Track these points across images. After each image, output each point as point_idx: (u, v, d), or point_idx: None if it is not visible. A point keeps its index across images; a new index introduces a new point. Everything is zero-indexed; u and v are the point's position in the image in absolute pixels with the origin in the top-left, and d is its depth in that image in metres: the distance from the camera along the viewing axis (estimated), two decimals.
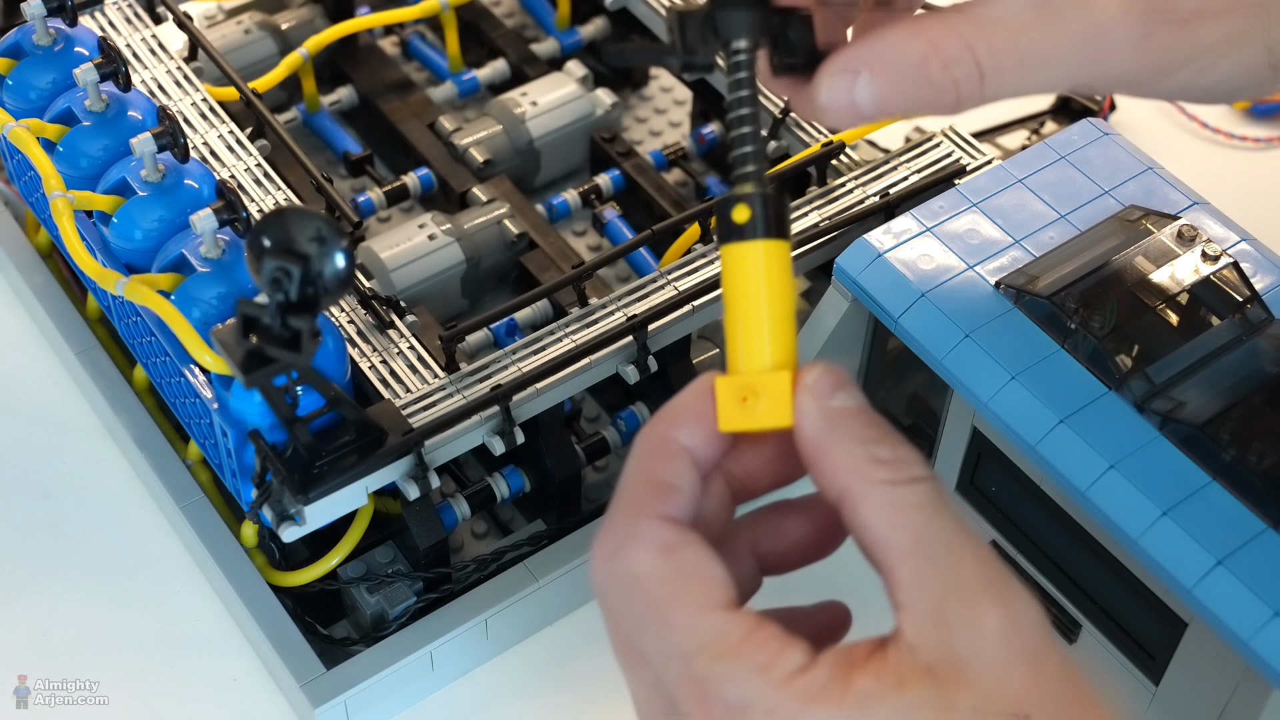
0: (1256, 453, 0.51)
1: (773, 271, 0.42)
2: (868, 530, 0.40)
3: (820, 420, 0.41)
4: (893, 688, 0.37)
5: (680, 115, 0.82)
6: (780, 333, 0.43)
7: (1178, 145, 0.83)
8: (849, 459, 0.40)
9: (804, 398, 0.41)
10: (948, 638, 0.38)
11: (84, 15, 0.71)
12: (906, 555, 0.39)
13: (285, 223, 0.48)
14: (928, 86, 0.45)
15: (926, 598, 0.39)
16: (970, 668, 0.38)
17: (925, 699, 0.37)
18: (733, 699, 0.38)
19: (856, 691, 0.38)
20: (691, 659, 0.39)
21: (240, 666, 0.62)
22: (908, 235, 0.59)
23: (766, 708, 0.38)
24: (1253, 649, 0.48)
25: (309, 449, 0.54)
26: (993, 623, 0.38)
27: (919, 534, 0.39)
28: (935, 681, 0.38)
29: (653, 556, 0.40)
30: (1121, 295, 0.56)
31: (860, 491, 0.40)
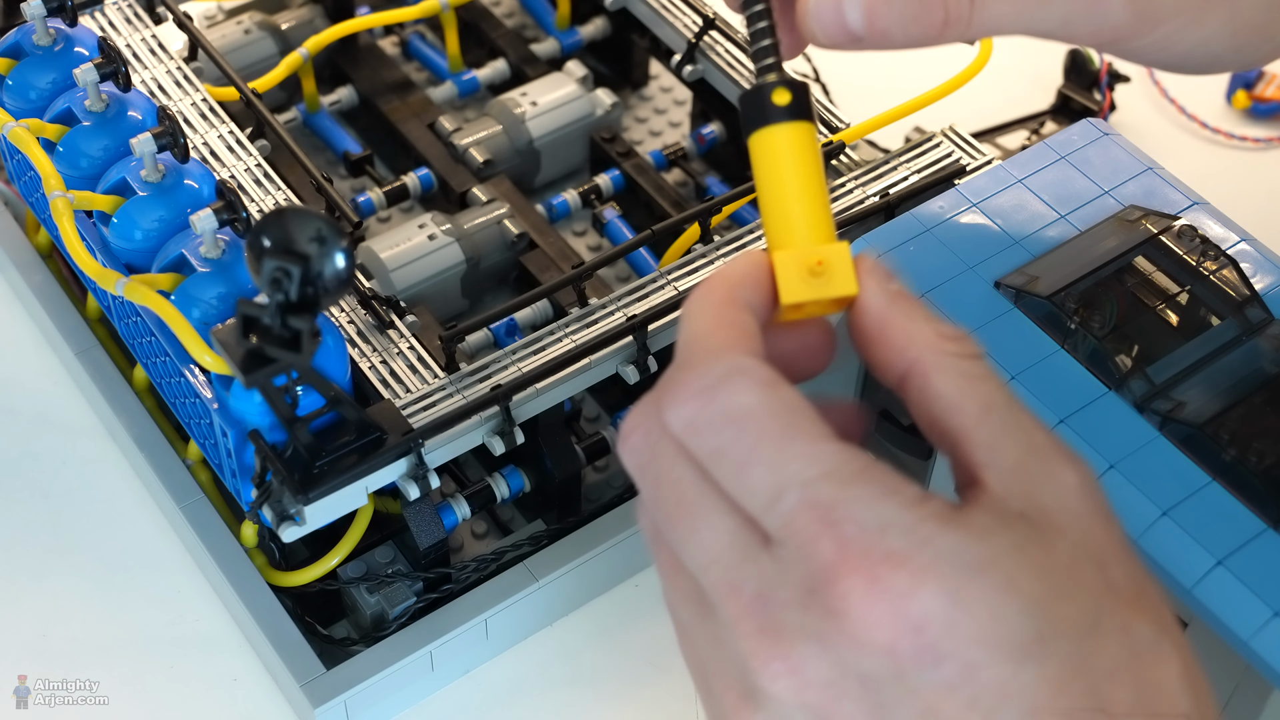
0: (1256, 453, 0.51)
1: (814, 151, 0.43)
2: (940, 398, 0.41)
3: (886, 298, 0.42)
4: (1006, 525, 0.38)
5: (680, 115, 0.82)
6: (828, 211, 0.43)
7: (1178, 145, 0.83)
8: (919, 333, 0.42)
9: (867, 278, 0.42)
10: (1033, 490, 0.40)
11: (84, 15, 0.71)
12: (982, 419, 0.40)
13: (285, 223, 0.48)
14: (917, 3, 0.45)
15: (1008, 455, 0.40)
16: (1057, 517, 0.39)
17: (1032, 537, 0.38)
18: (868, 520, 0.38)
19: (978, 522, 0.38)
20: (816, 484, 0.38)
21: (240, 666, 0.62)
22: (908, 235, 0.59)
23: (905, 527, 0.37)
24: (1253, 649, 0.48)
25: (309, 449, 0.54)
26: (1071, 478, 0.40)
27: (989, 401, 0.41)
28: (1033, 526, 0.39)
29: (760, 389, 0.39)
30: (1121, 295, 0.56)
31: (932, 362, 0.41)
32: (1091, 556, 0.39)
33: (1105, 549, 0.40)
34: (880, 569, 0.37)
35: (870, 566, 0.37)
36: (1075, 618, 0.38)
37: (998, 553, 0.37)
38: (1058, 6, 0.46)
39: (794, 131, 0.43)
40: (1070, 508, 0.40)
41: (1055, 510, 0.39)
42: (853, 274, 0.43)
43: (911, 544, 0.37)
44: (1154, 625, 0.39)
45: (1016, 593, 0.37)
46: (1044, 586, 0.37)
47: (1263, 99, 0.84)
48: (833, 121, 0.70)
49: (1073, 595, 0.38)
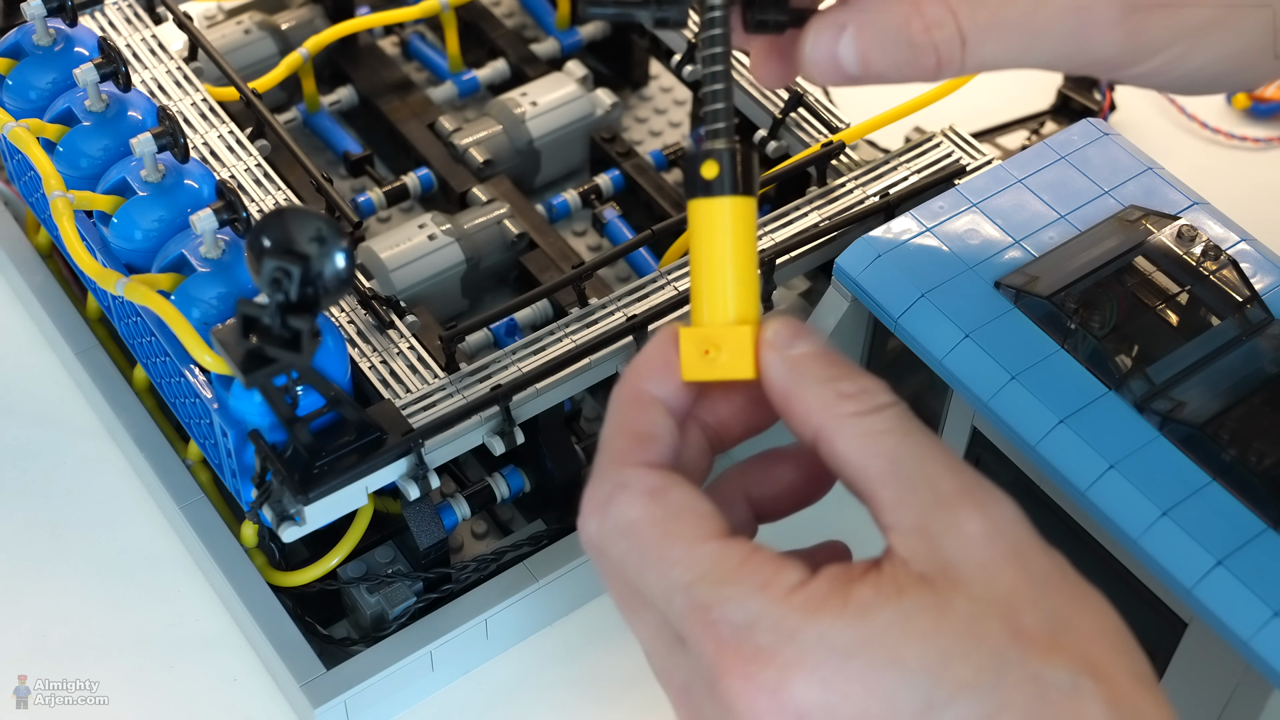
0: (1256, 453, 0.51)
1: (738, 227, 0.43)
2: (845, 463, 0.41)
3: (784, 368, 0.43)
4: (892, 595, 0.39)
5: (680, 115, 0.82)
6: (743, 287, 0.43)
7: (1178, 145, 0.83)
8: (817, 399, 0.42)
9: (766, 351, 0.43)
10: (935, 547, 0.39)
11: (84, 15, 0.71)
12: (885, 479, 0.40)
13: (285, 223, 0.48)
14: (909, 48, 0.46)
15: (910, 514, 0.40)
16: (960, 571, 0.39)
17: (923, 603, 0.38)
18: (737, 619, 0.39)
19: (857, 600, 0.39)
20: (693, 588, 0.40)
21: (240, 666, 0.62)
22: (908, 235, 0.59)
23: (771, 622, 0.39)
24: (1253, 649, 0.48)
25: (309, 449, 0.54)
26: (975, 526, 0.39)
27: (893, 457, 0.41)
28: (930, 588, 0.39)
29: (642, 501, 0.41)
30: (1121, 295, 0.56)
31: (832, 427, 0.41)
32: (997, 606, 0.39)
33: (1014, 595, 0.39)
34: (751, 666, 0.39)
35: (744, 664, 0.39)
36: (971, 678, 0.38)
37: (875, 630, 0.38)
38: (1048, 43, 0.46)
39: (720, 206, 0.43)
40: (973, 558, 0.39)
41: (958, 564, 0.39)
42: (749, 357, 0.43)
43: (778, 638, 0.39)
44: (1071, 665, 0.38)
45: (897, 667, 0.38)
46: (931, 653, 0.38)
47: (1263, 99, 0.84)
48: (833, 121, 0.69)
49: (968, 655, 0.38)
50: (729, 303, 0.43)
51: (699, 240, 0.44)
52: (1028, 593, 0.39)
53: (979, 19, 0.45)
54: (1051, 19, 0.45)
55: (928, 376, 0.58)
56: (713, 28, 0.45)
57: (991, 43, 0.46)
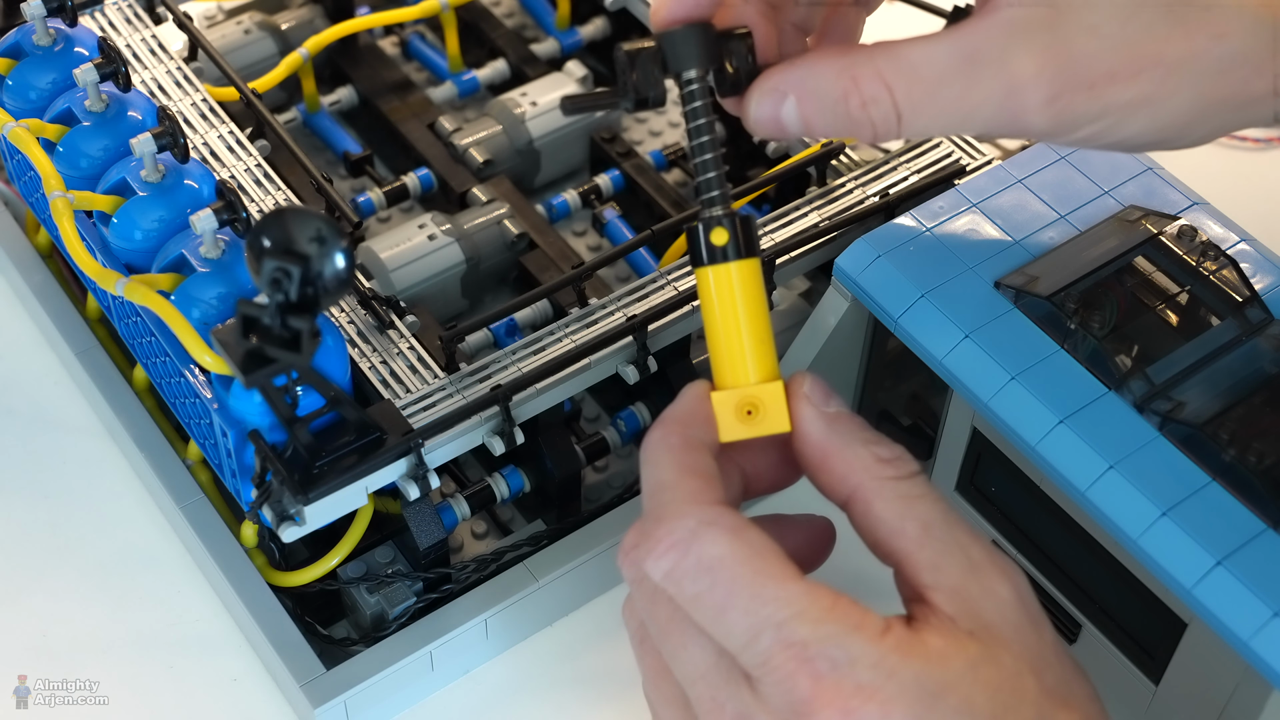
0: (1256, 453, 0.51)
1: (752, 289, 0.46)
2: (881, 524, 0.44)
3: (823, 425, 0.46)
4: (959, 648, 0.42)
5: (680, 115, 0.82)
6: (765, 346, 0.46)
7: None
8: (857, 460, 0.45)
9: (804, 406, 0.46)
10: (976, 608, 0.43)
11: (84, 15, 0.71)
12: (922, 542, 0.44)
13: (285, 223, 0.48)
14: (848, 120, 0.48)
15: (950, 576, 0.44)
16: (1000, 631, 0.43)
17: (984, 657, 0.42)
18: (838, 656, 0.42)
19: (934, 648, 0.42)
20: (790, 625, 0.42)
21: (240, 666, 0.62)
22: (908, 235, 0.59)
23: (872, 661, 0.42)
24: (1253, 649, 0.48)
25: (309, 449, 0.54)
26: (1007, 592, 0.44)
27: (927, 521, 0.44)
28: (982, 644, 0.43)
29: (728, 539, 0.43)
30: (1121, 295, 0.56)
31: (872, 489, 0.45)
32: (1030, 665, 0.43)
33: (1040, 656, 0.43)
34: (853, 701, 0.41)
35: (844, 699, 0.41)
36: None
37: (954, 677, 0.42)
38: (980, 119, 0.48)
39: (730, 272, 0.45)
40: (1009, 620, 0.43)
41: (997, 625, 0.43)
42: (784, 413, 0.46)
43: (879, 676, 0.41)
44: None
45: (970, 712, 0.41)
46: (995, 702, 0.42)
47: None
48: None
49: (1018, 708, 0.42)
50: (755, 363, 0.46)
51: (717, 305, 0.46)
52: (1047, 656, 0.44)
53: (913, 96, 0.47)
54: (983, 100, 0.47)
55: (928, 376, 0.58)
56: (693, 100, 0.48)
57: (925, 118, 0.48)
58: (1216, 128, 0.51)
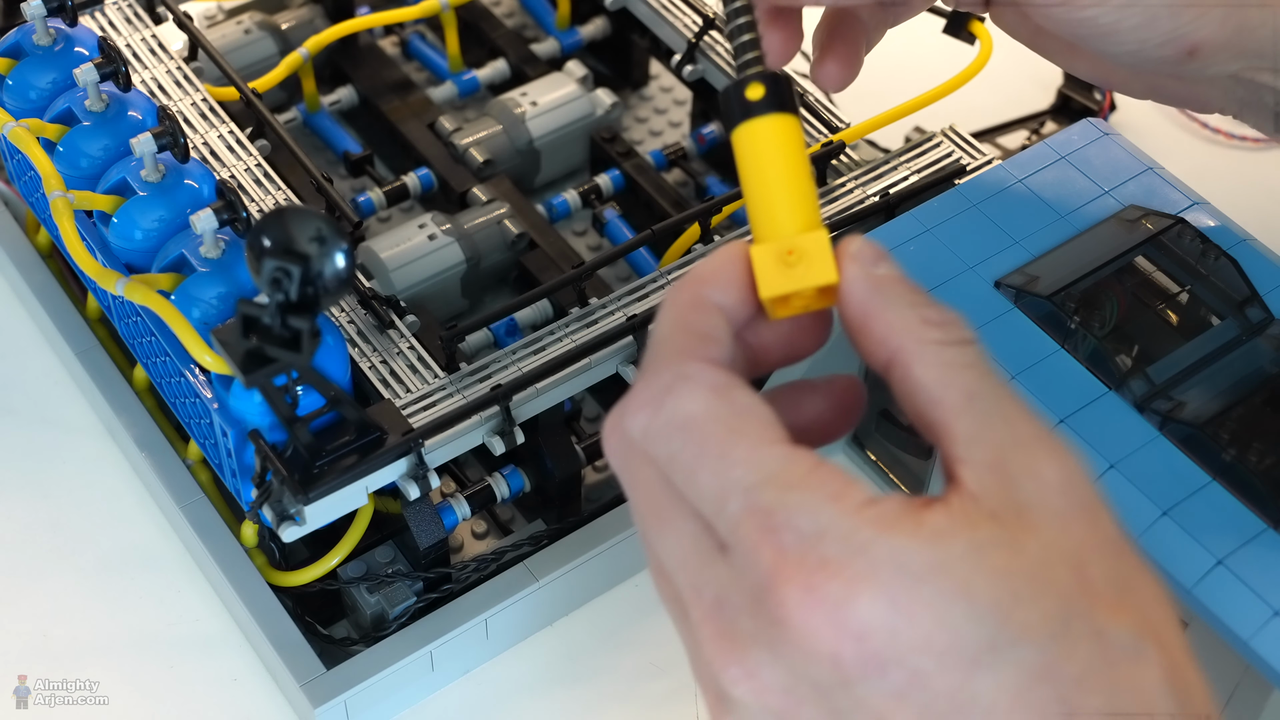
0: (1256, 453, 0.51)
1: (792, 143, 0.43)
2: (921, 389, 0.40)
3: (868, 285, 0.41)
4: (965, 526, 0.37)
5: (680, 115, 0.82)
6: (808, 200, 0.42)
7: (1178, 145, 0.83)
8: (900, 321, 0.40)
9: (850, 264, 0.41)
10: (1010, 487, 0.38)
11: (84, 15, 0.71)
12: (962, 411, 0.39)
13: (285, 223, 0.48)
14: None
15: (986, 450, 0.39)
16: (1033, 516, 0.38)
17: (998, 539, 0.37)
18: (805, 527, 0.37)
19: (931, 525, 0.37)
20: (756, 491, 0.38)
21: (240, 666, 0.62)
22: (908, 235, 0.59)
23: (842, 534, 0.37)
24: (1253, 649, 0.48)
25: (309, 449, 0.54)
26: (1052, 474, 0.39)
27: (972, 391, 0.39)
28: (1002, 526, 0.38)
29: (705, 395, 0.39)
30: (1121, 295, 0.56)
31: (913, 351, 0.40)
32: (1067, 556, 0.38)
33: (1084, 547, 0.38)
34: (815, 577, 0.37)
35: (806, 575, 0.37)
36: (1038, 623, 0.37)
37: (949, 558, 0.37)
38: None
39: (768, 124, 0.43)
40: (1049, 504, 0.38)
41: (1032, 507, 0.38)
42: (831, 261, 0.41)
43: (847, 550, 0.37)
44: (1134, 627, 0.38)
45: (967, 599, 0.36)
46: (1002, 591, 0.37)
47: None
48: (833, 121, 0.69)
49: (1037, 600, 0.37)
50: (799, 214, 0.42)
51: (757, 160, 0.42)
52: (1097, 549, 0.38)
53: None
54: None
55: None
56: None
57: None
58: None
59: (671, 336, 0.41)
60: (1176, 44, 0.55)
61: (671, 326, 0.41)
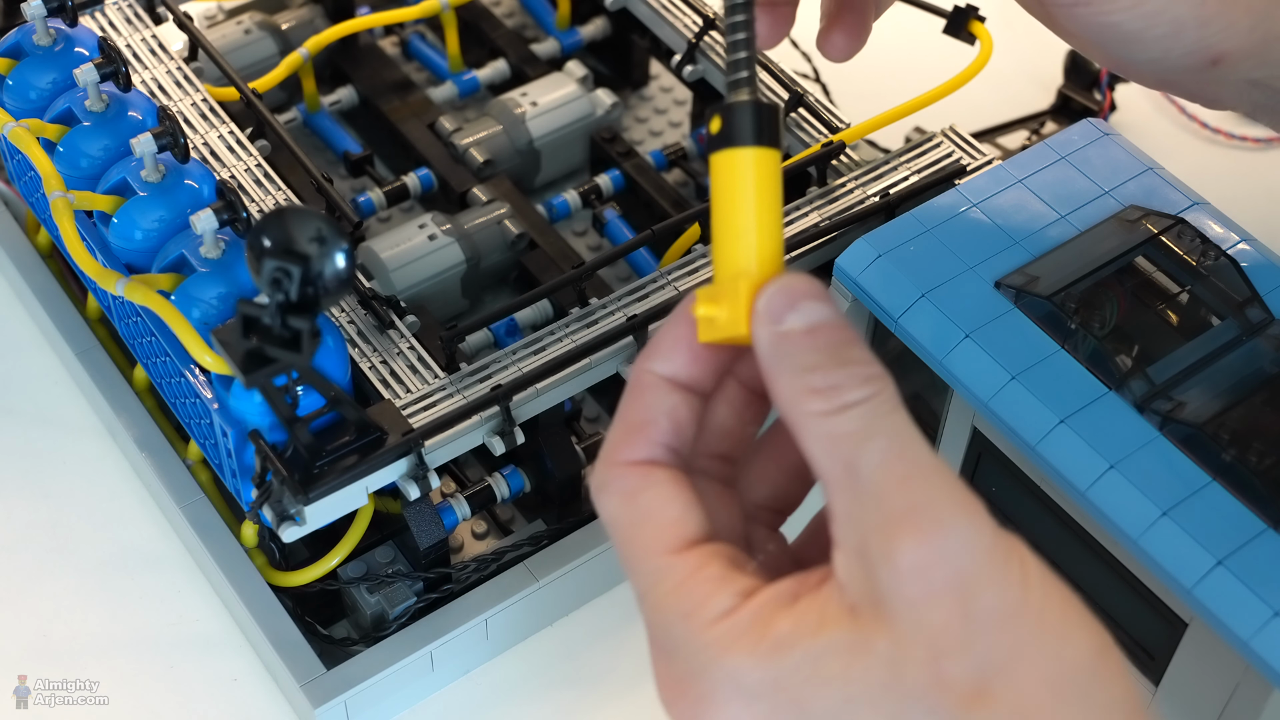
0: (1256, 453, 0.51)
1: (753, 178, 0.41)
2: (811, 465, 0.38)
3: (767, 346, 0.39)
4: (809, 631, 0.37)
5: (680, 115, 0.82)
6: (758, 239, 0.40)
7: (1178, 145, 0.83)
8: (788, 390, 0.38)
9: (756, 324, 0.39)
10: (869, 576, 0.37)
11: (84, 15, 0.71)
12: (841, 488, 0.37)
13: (285, 223, 0.48)
14: None
15: (853, 533, 0.37)
16: (887, 608, 0.36)
17: (840, 643, 0.37)
18: (665, 644, 0.40)
19: (773, 636, 0.37)
20: (643, 602, 0.40)
21: (240, 666, 0.62)
22: (908, 235, 0.59)
23: (688, 653, 0.39)
24: (1253, 649, 0.48)
25: (309, 449, 0.54)
26: (908, 558, 0.36)
27: (849, 464, 0.37)
28: (854, 623, 0.37)
29: (615, 504, 0.41)
30: (1121, 295, 0.56)
31: (798, 424, 0.38)
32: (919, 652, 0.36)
33: (943, 636, 0.36)
34: (673, 693, 0.39)
35: (670, 688, 0.39)
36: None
37: (783, 673, 0.37)
38: None
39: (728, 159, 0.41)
40: (904, 594, 0.36)
41: (888, 598, 0.36)
42: (743, 311, 0.39)
43: (692, 671, 0.38)
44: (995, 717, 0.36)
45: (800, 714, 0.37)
46: (835, 699, 0.36)
47: None
48: (833, 121, 0.69)
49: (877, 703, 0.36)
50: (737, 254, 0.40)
51: (715, 193, 0.41)
52: (960, 634, 0.36)
53: None
54: None
55: (928, 376, 0.58)
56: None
57: None
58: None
59: (611, 431, 0.42)
60: (1201, 54, 0.55)
61: (615, 418, 0.42)
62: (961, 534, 0.37)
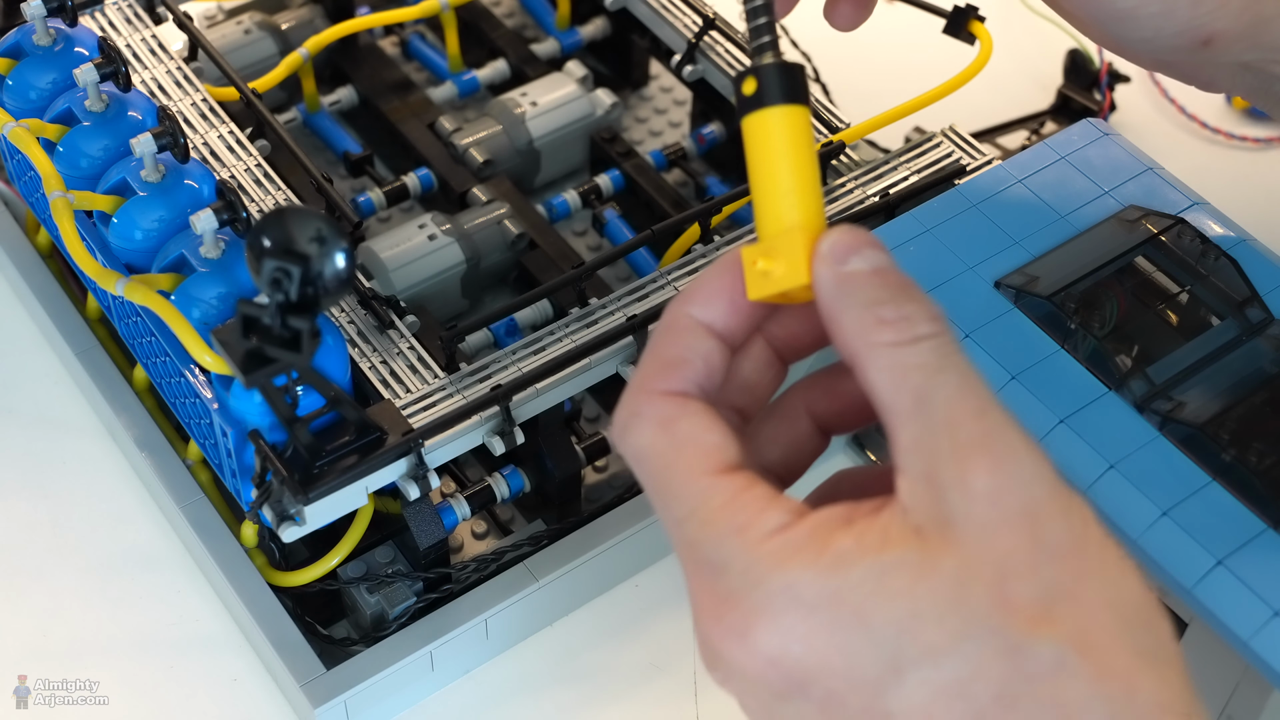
0: (1256, 453, 0.51)
1: (791, 133, 0.41)
2: (874, 395, 0.39)
3: (832, 285, 0.40)
4: (873, 548, 0.37)
5: (680, 115, 0.82)
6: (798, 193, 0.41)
7: (1178, 145, 0.83)
8: (855, 323, 0.39)
9: (818, 264, 0.40)
10: (938, 499, 0.37)
11: (84, 15, 0.71)
12: (909, 417, 0.38)
13: (285, 223, 0.48)
14: None
15: (922, 460, 0.38)
16: (957, 530, 0.37)
17: (905, 560, 0.37)
18: (714, 560, 0.39)
19: (834, 550, 0.38)
20: (684, 524, 0.39)
21: (240, 666, 0.62)
22: (908, 235, 0.59)
23: (741, 567, 0.38)
24: (1253, 649, 0.48)
25: (309, 449, 0.54)
26: (983, 483, 0.37)
27: (920, 395, 0.38)
28: (920, 543, 0.37)
29: (651, 431, 0.41)
30: (1121, 295, 0.56)
31: (865, 355, 0.39)
32: (987, 570, 0.37)
33: (1010, 559, 0.37)
34: (721, 608, 0.39)
35: (715, 605, 0.39)
36: (943, 642, 0.36)
37: (844, 585, 0.37)
38: None
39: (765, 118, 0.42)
40: (975, 517, 0.37)
41: (957, 521, 0.37)
42: (802, 261, 0.40)
43: (745, 584, 0.38)
44: (1059, 639, 0.37)
45: (862, 625, 0.37)
46: (903, 613, 0.37)
47: None
48: (833, 121, 0.69)
49: (944, 618, 0.37)
50: (784, 210, 0.41)
51: (753, 154, 0.42)
52: (1027, 559, 0.37)
53: None
54: None
55: None
56: None
57: None
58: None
59: (642, 365, 0.42)
60: (1193, 34, 0.56)
61: (646, 354, 0.42)
62: (1034, 465, 0.38)
